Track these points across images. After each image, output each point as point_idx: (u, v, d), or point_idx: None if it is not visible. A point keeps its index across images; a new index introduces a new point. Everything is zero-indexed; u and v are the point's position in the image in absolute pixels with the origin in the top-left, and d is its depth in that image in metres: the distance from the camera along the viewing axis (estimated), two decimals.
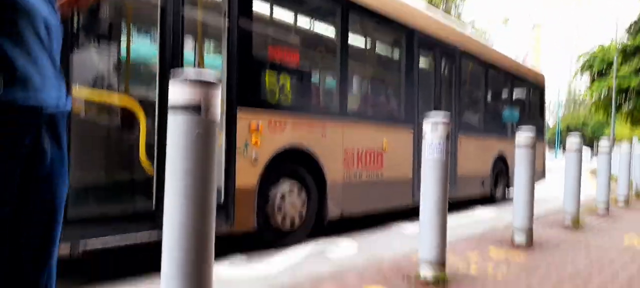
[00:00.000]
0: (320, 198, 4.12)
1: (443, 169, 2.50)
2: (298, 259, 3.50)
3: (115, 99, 3.01)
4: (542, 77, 9.31)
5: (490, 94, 7.64)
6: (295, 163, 3.90)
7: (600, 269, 3.08)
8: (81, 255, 2.61)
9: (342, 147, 4.32)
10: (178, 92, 1.27)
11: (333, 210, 4.22)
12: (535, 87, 9.01)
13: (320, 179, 4.10)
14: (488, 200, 7.27)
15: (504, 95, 8.11)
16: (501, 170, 7.59)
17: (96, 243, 2.69)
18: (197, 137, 1.24)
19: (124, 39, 3.58)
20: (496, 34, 24.14)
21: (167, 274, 1.32)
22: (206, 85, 1.27)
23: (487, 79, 7.25)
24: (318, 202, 4.12)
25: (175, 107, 1.27)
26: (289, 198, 3.77)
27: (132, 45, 3.66)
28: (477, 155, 6.72)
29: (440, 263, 2.63)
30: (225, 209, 3.29)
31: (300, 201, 3.87)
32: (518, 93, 8.44)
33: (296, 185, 3.86)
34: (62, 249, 2.21)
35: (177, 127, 1.26)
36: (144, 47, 3.96)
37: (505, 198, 7.71)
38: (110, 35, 3.42)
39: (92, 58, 3.25)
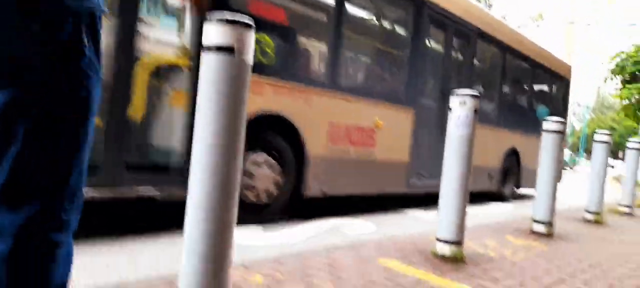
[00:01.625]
0: (299, 173, 3.78)
1: (469, 145, 2.46)
2: (314, 232, 3.52)
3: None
4: (568, 67, 8.51)
5: (508, 81, 6.97)
6: (273, 133, 3.59)
7: (622, 262, 3.01)
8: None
9: (328, 120, 3.96)
10: (212, 33, 1.27)
11: (313, 187, 3.88)
12: (560, 79, 8.25)
13: (300, 153, 3.76)
14: (495, 198, 6.73)
15: (524, 84, 7.43)
16: (512, 166, 6.85)
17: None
18: (230, 78, 1.24)
19: None
20: (528, 30, 23.22)
21: (192, 212, 1.34)
22: (240, 26, 1.26)
23: (505, 64, 6.61)
24: (296, 178, 3.78)
25: (209, 48, 1.27)
26: (262, 170, 3.49)
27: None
28: (486, 146, 6.06)
29: (458, 241, 2.61)
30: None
31: (275, 174, 3.58)
32: (540, 83, 7.72)
33: (272, 156, 3.58)
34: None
35: (210, 68, 1.26)
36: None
37: (513, 197, 7.21)
38: None
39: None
